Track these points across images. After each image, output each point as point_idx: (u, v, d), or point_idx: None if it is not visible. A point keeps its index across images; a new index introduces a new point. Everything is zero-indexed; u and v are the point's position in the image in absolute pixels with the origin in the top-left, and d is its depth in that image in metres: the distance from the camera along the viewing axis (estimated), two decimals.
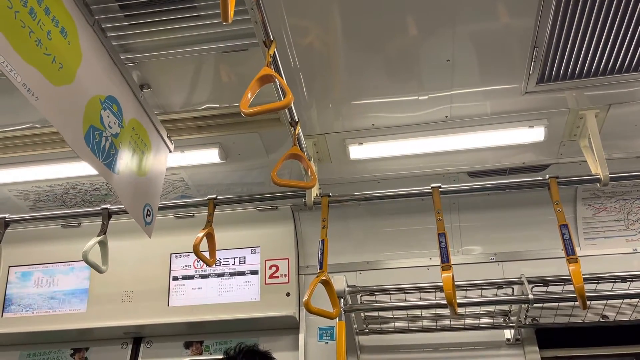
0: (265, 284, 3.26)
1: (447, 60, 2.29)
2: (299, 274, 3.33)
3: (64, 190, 3.21)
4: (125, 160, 1.97)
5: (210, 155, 2.86)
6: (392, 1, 2.03)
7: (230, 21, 1.42)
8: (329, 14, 2.09)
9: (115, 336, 3.44)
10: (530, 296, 2.62)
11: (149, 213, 2.15)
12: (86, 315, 3.37)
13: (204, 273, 3.37)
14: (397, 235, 3.36)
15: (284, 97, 1.83)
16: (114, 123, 1.91)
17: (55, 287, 3.51)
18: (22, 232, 3.48)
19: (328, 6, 2.06)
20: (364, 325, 3.06)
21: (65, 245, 3.52)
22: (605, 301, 2.74)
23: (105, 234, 2.58)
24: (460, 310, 2.76)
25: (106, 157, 1.83)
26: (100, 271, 2.47)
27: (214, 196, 2.74)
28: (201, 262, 2.83)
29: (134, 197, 2.04)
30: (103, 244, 2.54)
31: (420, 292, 2.83)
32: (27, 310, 3.49)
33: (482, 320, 2.96)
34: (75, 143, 1.67)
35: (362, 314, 3.02)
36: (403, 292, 2.86)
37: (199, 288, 3.34)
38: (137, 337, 3.46)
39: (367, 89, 2.48)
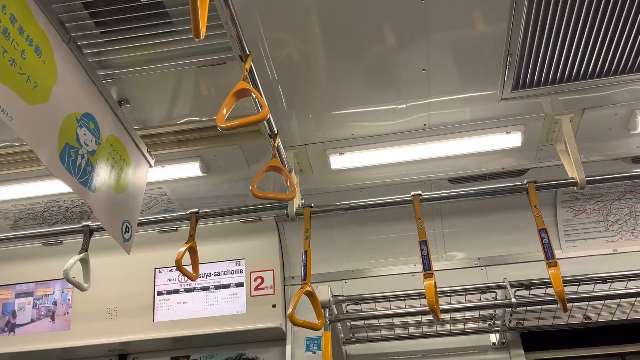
0: (251, 296, 3.26)
1: (423, 70, 2.32)
2: (284, 285, 3.32)
3: (44, 208, 3.17)
4: (103, 177, 1.96)
5: (191, 169, 2.86)
6: (368, 12, 2.06)
7: (202, 37, 1.43)
8: (305, 26, 2.12)
9: (100, 354, 3.40)
10: (513, 300, 2.65)
11: (127, 229, 2.13)
12: (70, 334, 3.32)
13: (189, 287, 3.35)
14: (381, 242, 3.37)
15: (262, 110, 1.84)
16: (91, 140, 1.90)
17: (37, 306, 3.46)
18: (2, 251, 3.44)
19: (304, 18, 2.08)
20: (351, 335, 3.06)
21: (47, 263, 3.48)
22: (587, 303, 2.77)
23: (86, 251, 2.56)
24: (445, 316, 2.79)
25: (82, 175, 1.82)
26: (82, 289, 2.44)
27: (196, 210, 2.73)
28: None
29: (111, 214, 2.02)
30: (85, 262, 2.51)
31: (405, 300, 2.84)
32: (10, 331, 3.43)
33: (468, 325, 2.97)
34: (50, 162, 1.66)
35: (348, 323, 3.02)
36: (388, 299, 2.87)
37: (184, 302, 3.32)
38: (122, 354, 3.43)
39: (345, 99, 2.51)
